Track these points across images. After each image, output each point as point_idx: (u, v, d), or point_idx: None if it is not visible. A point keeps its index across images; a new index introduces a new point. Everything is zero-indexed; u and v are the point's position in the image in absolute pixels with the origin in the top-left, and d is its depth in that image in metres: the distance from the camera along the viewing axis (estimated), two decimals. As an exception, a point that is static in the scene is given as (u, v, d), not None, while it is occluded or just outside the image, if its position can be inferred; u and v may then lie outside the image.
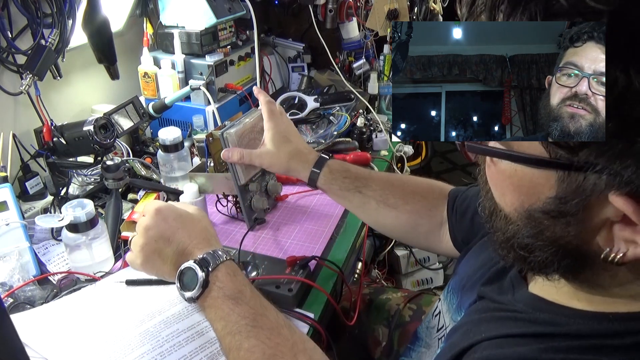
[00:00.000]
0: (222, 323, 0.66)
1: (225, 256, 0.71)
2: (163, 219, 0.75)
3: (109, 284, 0.88)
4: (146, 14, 1.49)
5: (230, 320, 0.66)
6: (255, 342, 0.63)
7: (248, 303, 0.67)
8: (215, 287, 0.69)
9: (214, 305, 0.68)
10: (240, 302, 0.67)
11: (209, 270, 0.69)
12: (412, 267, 2.11)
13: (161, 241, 0.74)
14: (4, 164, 1.08)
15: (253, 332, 0.64)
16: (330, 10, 1.67)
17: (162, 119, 1.40)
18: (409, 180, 0.95)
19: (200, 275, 0.69)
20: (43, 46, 1.08)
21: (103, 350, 0.73)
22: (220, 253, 0.71)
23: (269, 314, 0.67)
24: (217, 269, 0.70)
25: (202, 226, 0.76)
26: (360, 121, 1.49)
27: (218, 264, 0.70)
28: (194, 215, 0.77)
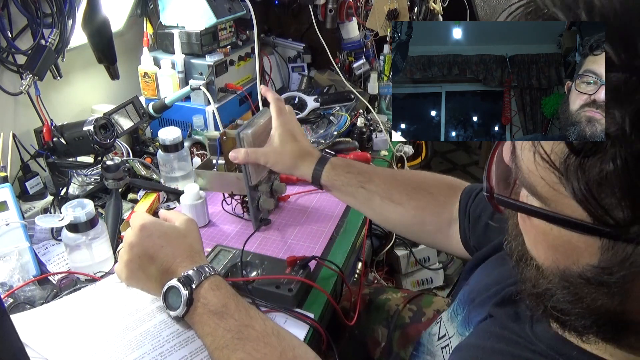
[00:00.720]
0: (209, 339, 0.67)
1: (210, 271, 0.71)
2: (147, 236, 0.74)
3: (110, 283, 0.88)
4: (146, 14, 1.49)
5: (217, 335, 0.66)
6: (242, 354, 0.63)
7: (233, 316, 0.67)
8: (199, 304, 0.69)
9: (200, 321, 0.68)
10: (225, 316, 0.67)
11: (192, 288, 0.69)
12: (412, 267, 2.11)
13: (145, 258, 0.74)
14: (4, 164, 1.08)
15: (239, 344, 0.64)
16: (330, 10, 1.67)
17: (162, 119, 1.40)
18: (415, 175, 0.93)
19: (184, 293, 0.69)
20: (43, 46, 1.08)
21: (103, 350, 0.73)
22: (205, 269, 0.71)
23: (255, 324, 0.67)
24: (200, 286, 0.69)
25: (188, 243, 0.76)
26: (360, 121, 1.49)
27: (202, 281, 0.70)
28: (180, 231, 0.77)
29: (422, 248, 2.11)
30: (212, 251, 0.95)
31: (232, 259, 0.92)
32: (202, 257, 0.76)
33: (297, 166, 0.90)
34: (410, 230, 0.92)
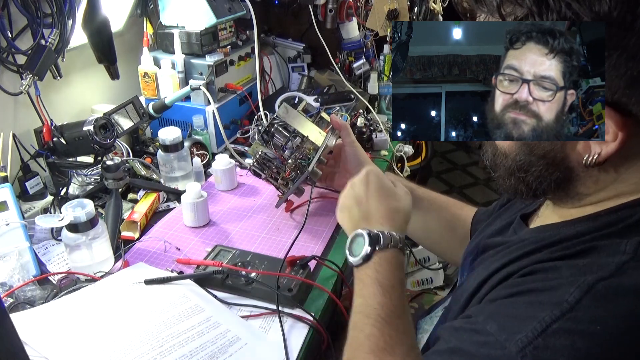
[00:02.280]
0: (361, 300, 0.68)
1: (400, 244, 0.72)
2: (366, 183, 0.79)
3: (110, 284, 0.88)
4: (146, 14, 1.49)
5: (368, 305, 0.67)
6: (377, 332, 0.63)
7: (391, 299, 0.67)
8: (372, 267, 0.69)
9: (364, 282, 0.69)
10: (387, 294, 0.67)
11: (375, 248, 0.70)
12: (412, 267, 2.11)
13: (354, 200, 0.79)
14: (4, 164, 1.08)
15: (383, 325, 0.64)
16: (330, 10, 1.67)
17: (162, 119, 1.40)
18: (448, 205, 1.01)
19: (366, 249, 0.70)
20: (43, 46, 1.08)
21: (103, 350, 0.73)
22: (396, 237, 0.72)
23: (405, 319, 0.67)
24: (383, 251, 0.70)
25: (396, 205, 0.77)
26: (360, 121, 1.49)
27: (388, 246, 0.70)
28: (396, 193, 0.80)
29: (422, 248, 2.11)
30: (212, 251, 0.95)
31: (232, 259, 0.92)
32: (403, 223, 0.77)
33: (368, 162, 1.02)
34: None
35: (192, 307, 0.83)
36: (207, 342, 0.76)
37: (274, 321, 0.83)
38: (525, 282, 0.54)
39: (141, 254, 1.00)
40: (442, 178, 3.34)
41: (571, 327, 0.47)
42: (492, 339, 0.50)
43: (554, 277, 0.52)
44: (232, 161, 1.25)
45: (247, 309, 0.85)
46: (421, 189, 1.00)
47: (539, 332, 0.48)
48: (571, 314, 0.47)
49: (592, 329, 0.47)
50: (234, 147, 1.39)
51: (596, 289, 0.48)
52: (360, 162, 1.02)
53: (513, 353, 0.48)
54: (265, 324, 0.83)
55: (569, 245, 0.55)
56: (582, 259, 0.52)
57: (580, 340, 0.46)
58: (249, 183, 1.29)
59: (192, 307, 0.82)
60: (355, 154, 1.04)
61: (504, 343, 0.49)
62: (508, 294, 0.55)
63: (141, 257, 0.99)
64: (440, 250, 1.05)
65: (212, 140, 1.43)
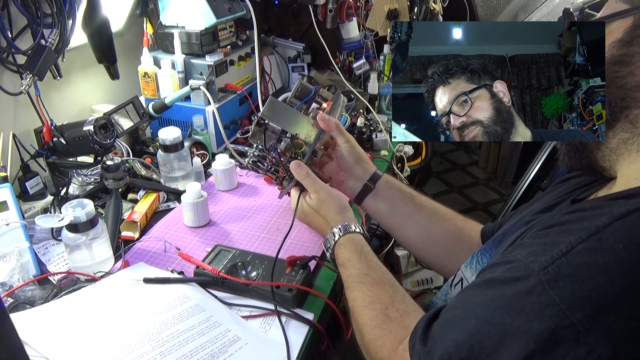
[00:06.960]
0: (344, 282, 0.81)
1: (347, 229, 0.86)
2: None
3: (110, 284, 0.88)
4: (146, 14, 1.49)
5: (345, 280, 0.80)
6: (357, 293, 0.76)
7: (354, 266, 0.80)
8: (336, 256, 0.85)
9: (339, 267, 0.84)
10: (347, 267, 0.81)
11: (332, 244, 0.86)
12: (412, 267, 2.11)
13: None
14: (4, 164, 1.08)
15: (356, 286, 0.77)
16: (330, 10, 1.67)
17: (162, 119, 1.40)
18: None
19: (329, 246, 0.87)
20: (43, 46, 1.08)
21: (103, 350, 0.73)
22: (348, 227, 0.86)
23: (372, 273, 0.78)
24: (337, 242, 0.85)
25: (335, 204, 0.92)
26: (360, 121, 1.49)
27: (339, 238, 0.85)
28: (323, 200, 0.92)
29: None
30: (212, 251, 0.95)
31: (232, 259, 0.92)
32: (348, 212, 0.91)
33: (365, 160, 1.00)
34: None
35: (192, 307, 0.83)
36: (207, 342, 0.76)
37: (274, 321, 0.83)
38: (562, 217, 0.56)
39: (141, 254, 1.00)
40: (442, 178, 3.34)
41: (595, 246, 0.48)
42: (519, 264, 0.52)
43: (591, 212, 0.53)
44: (232, 161, 1.25)
45: (247, 309, 0.85)
46: (422, 197, 0.98)
47: (563, 252, 0.49)
48: (597, 236, 0.49)
49: (615, 247, 0.48)
50: (234, 147, 1.39)
51: (628, 217, 0.49)
52: (357, 160, 0.99)
53: (536, 271, 0.49)
54: (265, 324, 0.83)
55: (613, 195, 0.56)
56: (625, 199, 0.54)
57: (601, 256, 0.47)
58: (249, 183, 1.29)
59: (192, 307, 0.82)
60: (351, 153, 1.00)
61: (529, 265, 0.51)
62: (543, 227, 0.57)
63: (141, 257, 0.99)
64: (439, 262, 1.02)
65: (212, 140, 1.43)
